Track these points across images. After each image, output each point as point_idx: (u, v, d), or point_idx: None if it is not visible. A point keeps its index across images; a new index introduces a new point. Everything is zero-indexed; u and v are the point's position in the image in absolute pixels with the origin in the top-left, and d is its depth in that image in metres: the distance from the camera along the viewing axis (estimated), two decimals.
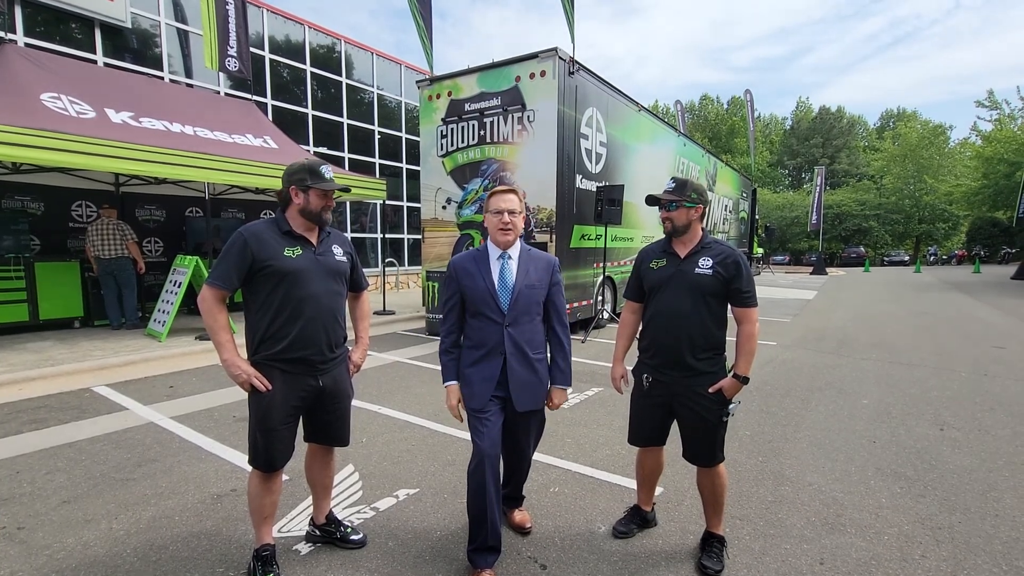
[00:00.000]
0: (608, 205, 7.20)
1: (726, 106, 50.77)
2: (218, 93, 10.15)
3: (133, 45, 9.35)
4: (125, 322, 7.36)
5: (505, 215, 2.12)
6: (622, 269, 8.98)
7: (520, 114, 7.01)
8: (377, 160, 14.14)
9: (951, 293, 14.13)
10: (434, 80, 7.85)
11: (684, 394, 2.19)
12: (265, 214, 10.19)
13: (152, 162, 5.73)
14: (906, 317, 9.75)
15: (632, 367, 2.40)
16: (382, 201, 9.05)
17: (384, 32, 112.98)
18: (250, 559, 2.16)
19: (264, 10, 11.32)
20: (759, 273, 23.08)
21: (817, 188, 28.74)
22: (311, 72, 12.37)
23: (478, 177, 7.48)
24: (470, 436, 2.14)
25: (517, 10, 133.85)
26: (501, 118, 7.20)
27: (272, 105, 11.49)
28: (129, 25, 9.04)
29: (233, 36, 8.61)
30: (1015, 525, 2.55)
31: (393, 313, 9.34)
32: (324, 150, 12.63)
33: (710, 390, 2.15)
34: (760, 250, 25.95)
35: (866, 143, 47.98)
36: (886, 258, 33.87)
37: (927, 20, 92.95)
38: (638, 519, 2.50)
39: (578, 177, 7.42)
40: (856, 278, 21.20)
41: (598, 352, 6.59)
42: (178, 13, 9.87)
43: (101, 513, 2.63)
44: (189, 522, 2.55)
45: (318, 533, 2.38)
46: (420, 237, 8.55)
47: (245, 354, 2.05)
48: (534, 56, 6.82)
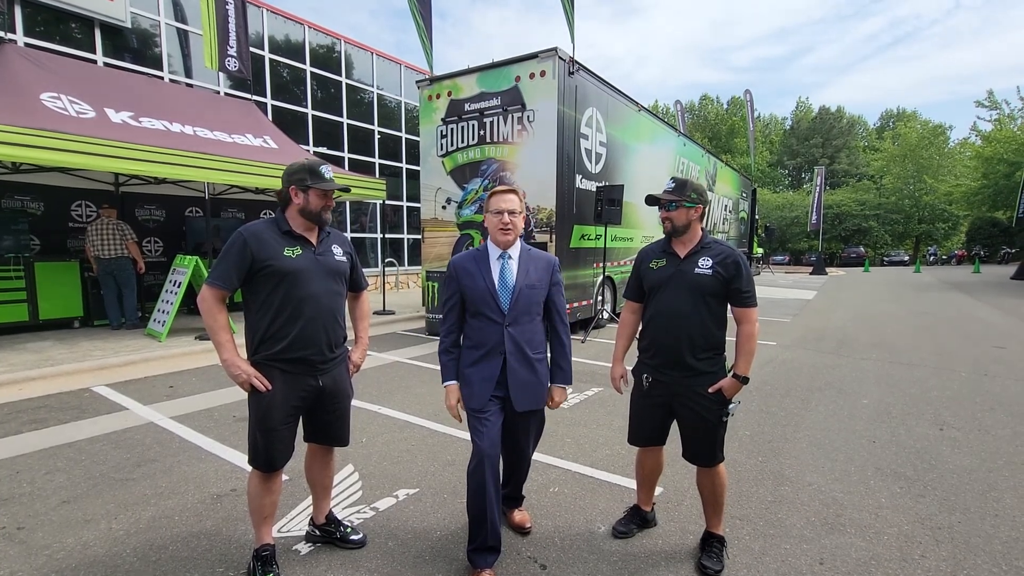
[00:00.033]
0: (608, 205, 7.20)
1: (726, 106, 50.78)
2: (218, 93, 10.15)
3: (133, 45, 9.35)
4: (125, 322, 7.36)
5: (505, 215, 2.12)
6: (622, 269, 8.98)
7: (520, 114, 7.01)
8: (377, 160, 14.14)
9: (951, 293, 14.13)
10: (434, 80, 7.85)
11: (684, 394, 2.19)
12: (265, 214, 10.19)
13: (152, 162, 5.73)
14: (906, 317, 9.75)
15: (632, 367, 2.41)
16: (382, 201, 9.05)
17: (384, 32, 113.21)
18: (250, 559, 2.16)
19: (264, 10, 11.32)
20: (759, 273, 23.08)
21: (817, 188, 28.76)
22: (311, 72, 12.37)
23: (478, 177, 7.48)
24: (470, 436, 2.14)
25: (517, 10, 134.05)
26: (501, 118, 7.20)
27: (272, 105, 11.49)
28: (129, 25, 9.04)
29: (233, 36, 8.61)
30: (1015, 525, 2.55)
31: (393, 313, 9.34)
32: (324, 150, 12.63)
33: (710, 390, 2.15)
34: (760, 250, 25.95)
35: (866, 143, 48.00)
36: (886, 258, 33.87)
37: (927, 20, 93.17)
38: (638, 519, 2.50)
39: (578, 177, 7.42)
40: (856, 278, 21.21)
41: (598, 352, 6.59)
42: (178, 13, 9.87)
43: (101, 513, 2.63)
44: (189, 522, 2.55)
45: (318, 533, 2.38)
46: (420, 237, 8.55)
47: (245, 354, 2.05)
48: (534, 56, 6.82)
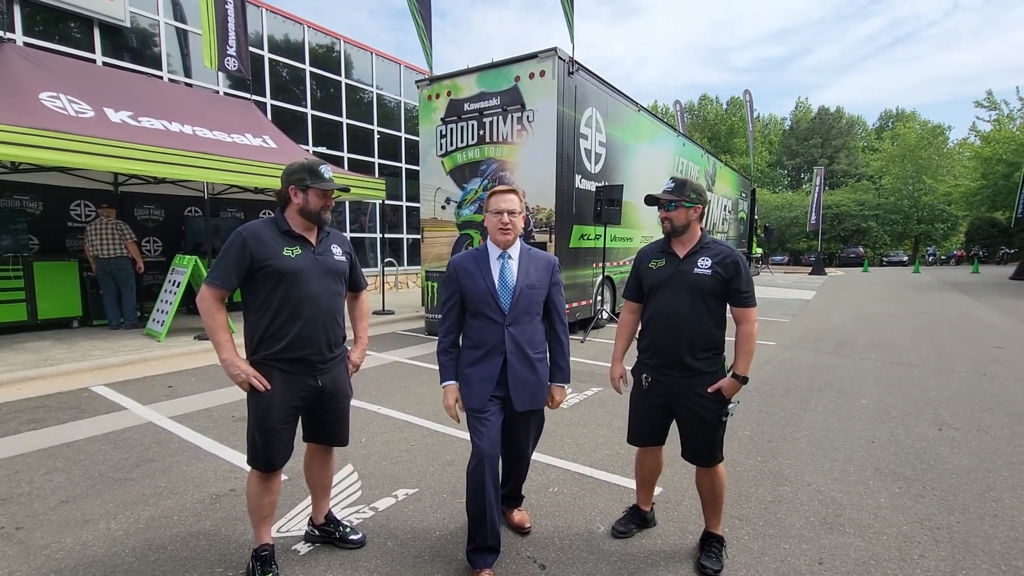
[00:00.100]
0: (607, 205, 7.20)
1: (725, 106, 50.81)
2: (217, 93, 10.14)
3: (132, 44, 9.33)
4: (124, 322, 7.35)
5: (505, 215, 2.12)
6: (621, 269, 8.98)
7: (519, 114, 7.01)
8: (376, 160, 14.13)
9: (950, 293, 14.15)
10: (433, 80, 7.84)
11: (683, 394, 2.19)
12: (264, 214, 10.19)
13: (151, 162, 5.72)
14: (905, 317, 9.76)
15: (631, 367, 2.41)
16: (381, 201, 9.04)
17: (384, 32, 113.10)
18: (249, 559, 2.16)
19: (263, 9, 11.31)
20: (758, 273, 23.10)
21: (816, 188, 28.79)
22: (310, 72, 12.36)
23: (477, 177, 7.48)
24: (469, 436, 2.14)
25: (517, 10, 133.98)
26: (500, 118, 7.20)
27: (271, 105, 11.48)
28: (128, 24, 9.03)
29: (232, 35, 8.60)
30: (1014, 525, 2.56)
31: (392, 313, 9.33)
32: (323, 150, 12.63)
33: (709, 390, 2.16)
34: (759, 250, 25.96)
35: (865, 143, 48.05)
36: (885, 258, 33.89)
37: (926, 21, 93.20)
38: (637, 519, 2.50)
39: (577, 177, 7.42)
40: (855, 278, 21.22)
41: (597, 352, 6.59)
42: (177, 12, 9.86)
43: (99, 513, 2.63)
44: (188, 522, 2.55)
45: (317, 533, 2.38)
46: (419, 237, 8.55)
47: (244, 354, 2.04)
48: (534, 56, 6.82)
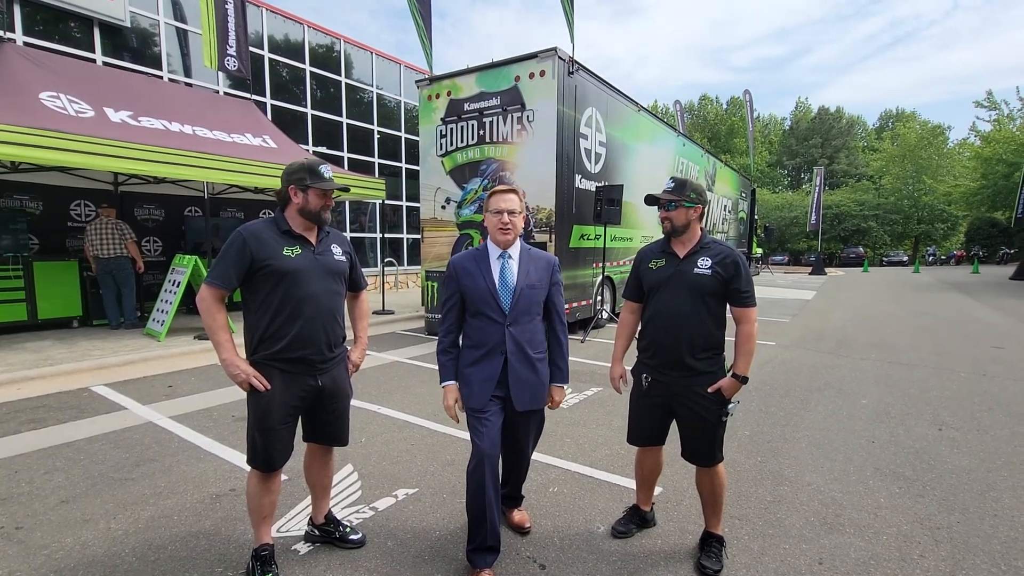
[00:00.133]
0: (607, 205, 7.20)
1: (725, 106, 50.80)
2: (217, 92, 10.14)
3: (132, 44, 9.33)
4: (124, 322, 7.35)
5: (505, 215, 2.12)
6: (621, 269, 8.98)
7: (519, 114, 7.01)
8: (376, 160, 14.13)
9: (950, 293, 14.15)
10: (433, 80, 7.84)
11: (683, 394, 2.19)
12: (264, 213, 10.19)
13: (151, 161, 5.72)
14: (905, 317, 9.76)
15: (631, 367, 2.41)
16: (381, 201, 9.04)
17: (384, 32, 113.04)
18: (249, 559, 2.16)
19: (263, 9, 11.31)
20: (758, 273, 23.10)
21: (816, 188, 28.78)
22: (310, 72, 12.36)
23: (477, 177, 7.48)
24: (469, 436, 2.14)
25: (517, 10, 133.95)
26: (500, 118, 7.20)
27: (271, 104, 11.48)
28: (128, 24, 9.03)
29: (232, 35, 8.60)
30: (1014, 525, 2.56)
31: (392, 313, 9.33)
32: (323, 150, 12.62)
33: (709, 390, 2.15)
34: (759, 250, 25.96)
35: (865, 143, 48.04)
36: (885, 258, 33.89)
37: (926, 20, 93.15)
38: (637, 519, 2.50)
39: (577, 177, 7.42)
40: (855, 278, 21.22)
41: (597, 352, 6.59)
42: (177, 12, 9.86)
43: (99, 513, 2.63)
44: (188, 522, 2.55)
45: (317, 533, 2.38)
46: (419, 237, 8.55)
47: (244, 353, 2.04)
48: (533, 56, 6.82)
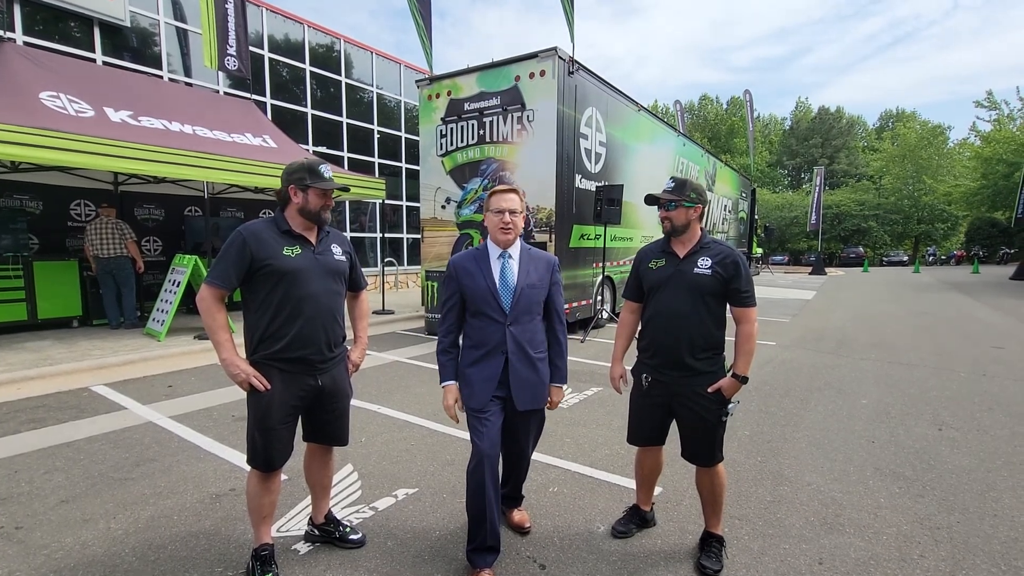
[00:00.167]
0: (607, 205, 7.20)
1: (725, 106, 50.78)
2: (217, 92, 10.14)
3: (132, 44, 9.33)
4: (124, 321, 7.35)
5: (506, 215, 2.13)
6: (621, 269, 8.98)
7: (520, 114, 7.01)
8: (376, 159, 14.13)
9: (950, 293, 14.15)
10: (433, 80, 7.84)
11: (683, 394, 2.19)
12: (264, 213, 10.18)
13: (151, 161, 5.72)
14: (905, 317, 9.76)
15: (631, 367, 2.41)
16: (381, 200, 9.04)
17: (384, 32, 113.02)
18: (249, 559, 2.16)
19: (263, 9, 11.30)
20: (758, 273, 23.09)
21: (816, 188, 28.78)
22: (310, 71, 12.36)
23: (477, 176, 7.48)
24: (469, 436, 2.14)
25: (517, 10, 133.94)
26: (500, 118, 7.20)
27: (271, 104, 11.47)
28: (128, 24, 9.03)
29: (232, 35, 8.59)
30: (1013, 525, 2.56)
31: (392, 313, 9.33)
32: (323, 149, 12.62)
33: (709, 390, 2.15)
34: (759, 250, 25.97)
35: (865, 143, 48.04)
36: (885, 258, 33.89)
37: (926, 20, 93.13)
38: (637, 519, 2.50)
39: (577, 177, 7.42)
40: (855, 278, 21.22)
41: (597, 352, 6.59)
42: (177, 12, 9.86)
43: (99, 513, 2.63)
44: (188, 522, 2.55)
45: (317, 533, 2.38)
46: (419, 236, 8.55)
47: (244, 353, 2.04)
48: (534, 56, 6.81)
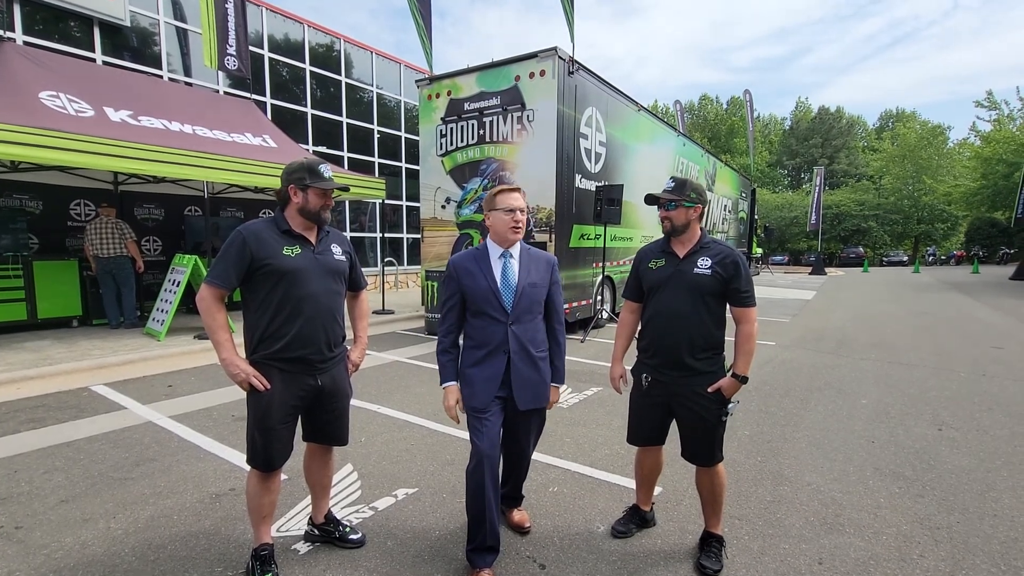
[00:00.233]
0: (607, 205, 7.20)
1: (725, 106, 50.77)
2: (217, 92, 10.14)
3: (132, 44, 9.33)
4: (124, 321, 7.35)
5: (517, 213, 2.14)
6: (621, 269, 8.98)
7: (519, 113, 7.01)
8: (376, 159, 14.13)
9: (950, 293, 14.15)
10: (433, 79, 7.84)
11: (683, 394, 2.19)
12: (264, 213, 10.18)
13: (151, 161, 5.72)
14: (905, 317, 9.76)
15: (631, 367, 2.41)
16: (381, 200, 9.04)
17: (384, 32, 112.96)
18: (249, 558, 2.16)
19: (263, 9, 11.30)
20: (758, 273, 23.09)
21: (816, 188, 28.79)
22: (310, 71, 12.36)
23: (477, 176, 7.48)
24: (469, 436, 2.14)
25: (517, 10, 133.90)
26: (500, 117, 7.20)
27: (271, 104, 11.47)
28: (128, 23, 9.03)
29: (232, 35, 8.59)
30: (1013, 525, 2.56)
31: (392, 312, 9.33)
32: (323, 149, 12.62)
33: (709, 390, 2.15)
34: (759, 250, 25.98)
35: (865, 143, 48.04)
36: (885, 258, 33.90)
37: (926, 20, 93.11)
38: (637, 519, 2.50)
39: (577, 177, 7.42)
40: (855, 278, 21.22)
41: (597, 352, 6.59)
42: (177, 12, 9.86)
43: (99, 512, 2.62)
44: (188, 521, 2.54)
45: (317, 532, 2.38)
46: (419, 236, 8.55)
47: (244, 353, 2.04)
48: (534, 56, 6.81)
